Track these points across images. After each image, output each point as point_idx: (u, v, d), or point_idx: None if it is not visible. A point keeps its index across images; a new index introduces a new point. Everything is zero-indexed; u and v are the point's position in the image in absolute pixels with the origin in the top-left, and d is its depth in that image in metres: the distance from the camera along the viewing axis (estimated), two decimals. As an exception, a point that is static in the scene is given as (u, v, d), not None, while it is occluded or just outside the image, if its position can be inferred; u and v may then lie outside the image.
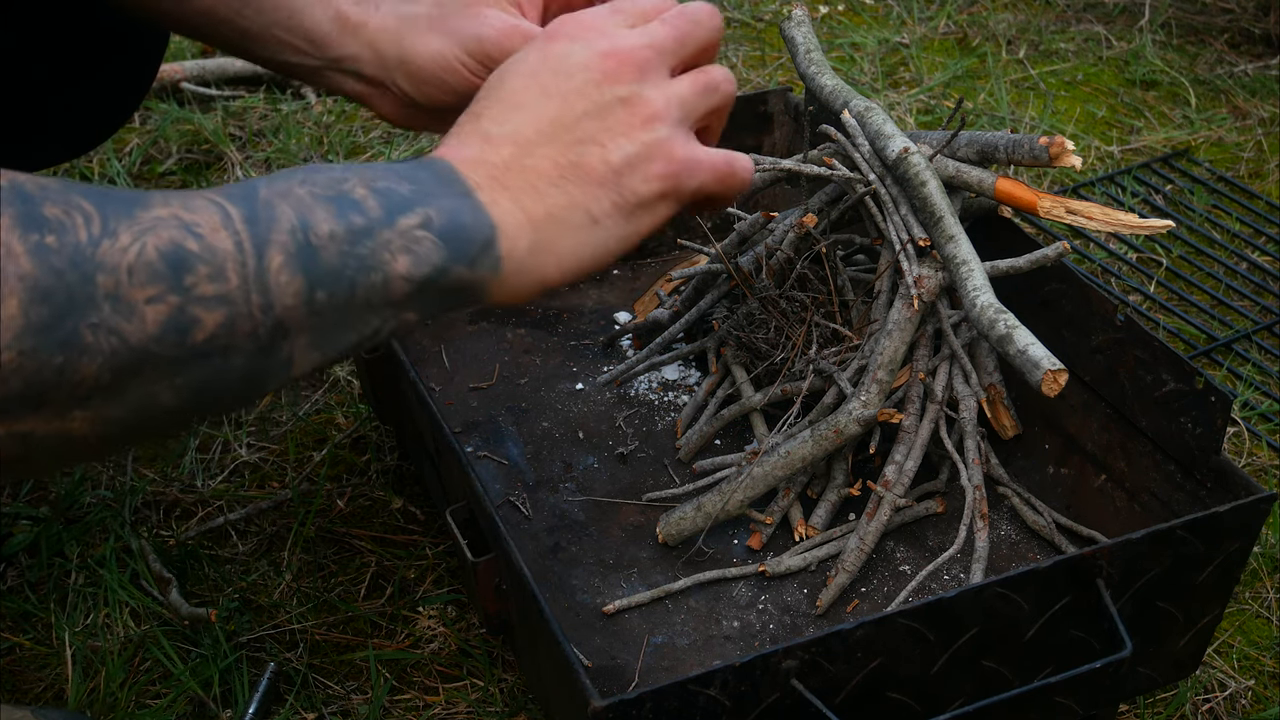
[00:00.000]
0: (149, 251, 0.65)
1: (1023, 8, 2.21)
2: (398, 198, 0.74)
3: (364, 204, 0.73)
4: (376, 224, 0.72)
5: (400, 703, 1.09)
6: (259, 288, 0.68)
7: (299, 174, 0.73)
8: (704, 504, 1.09)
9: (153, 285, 0.64)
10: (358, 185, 0.73)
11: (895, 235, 1.09)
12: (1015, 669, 0.93)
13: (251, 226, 0.68)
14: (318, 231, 0.70)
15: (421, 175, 0.76)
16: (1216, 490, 1.02)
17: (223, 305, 0.67)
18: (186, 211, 0.67)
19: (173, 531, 1.23)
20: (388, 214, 0.73)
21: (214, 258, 0.66)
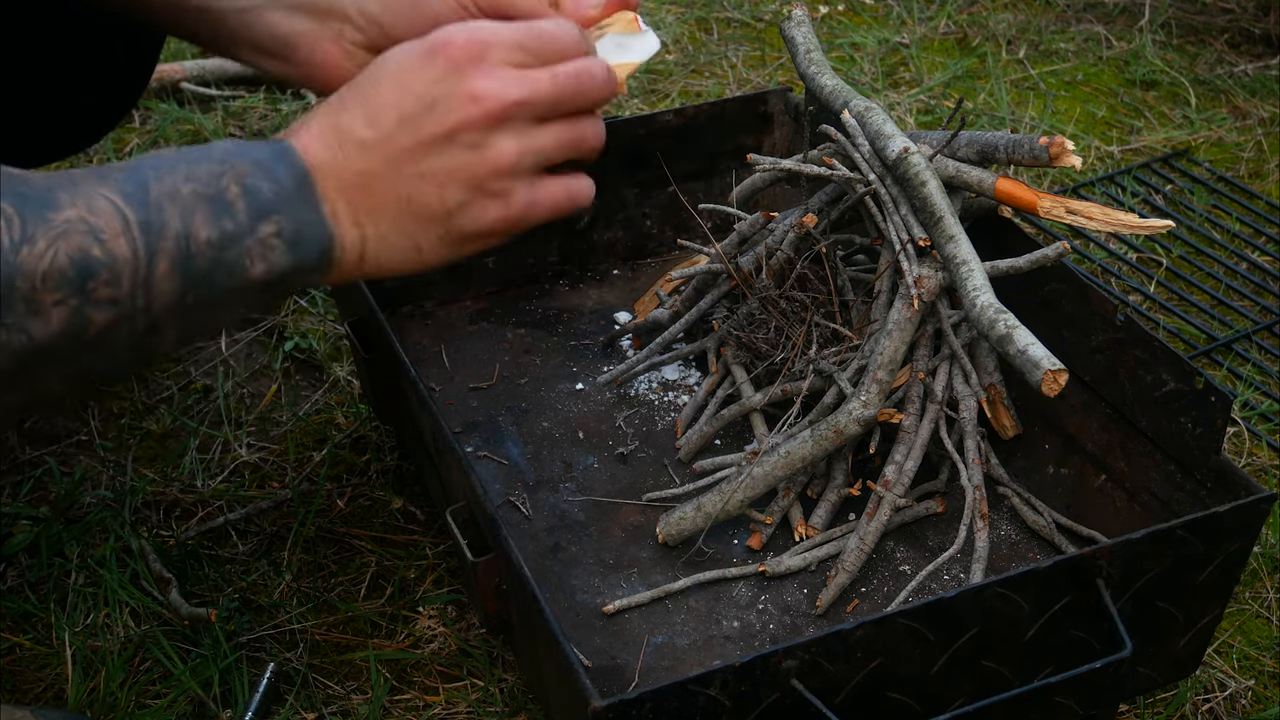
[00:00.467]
0: (61, 258, 0.72)
1: (1023, 8, 2.21)
2: (261, 200, 0.80)
3: (234, 206, 0.79)
4: (242, 232, 0.79)
5: (400, 703, 1.09)
6: (144, 292, 0.75)
7: (182, 165, 0.79)
8: (704, 504, 1.09)
9: (61, 290, 0.72)
10: (231, 182, 0.79)
11: (895, 235, 1.09)
12: (1015, 669, 0.93)
13: (145, 234, 0.75)
14: (197, 239, 0.77)
15: (282, 175, 0.81)
16: (1216, 490, 1.02)
17: (113, 308, 0.74)
18: (91, 214, 0.74)
19: (173, 531, 1.23)
20: (251, 221, 0.79)
21: (114, 264, 0.74)
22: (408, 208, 0.84)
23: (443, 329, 1.33)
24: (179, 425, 1.34)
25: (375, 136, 0.83)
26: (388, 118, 0.83)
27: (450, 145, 0.83)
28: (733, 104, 1.41)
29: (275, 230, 0.80)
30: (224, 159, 0.80)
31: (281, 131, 0.85)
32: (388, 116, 0.83)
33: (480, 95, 0.83)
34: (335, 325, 1.46)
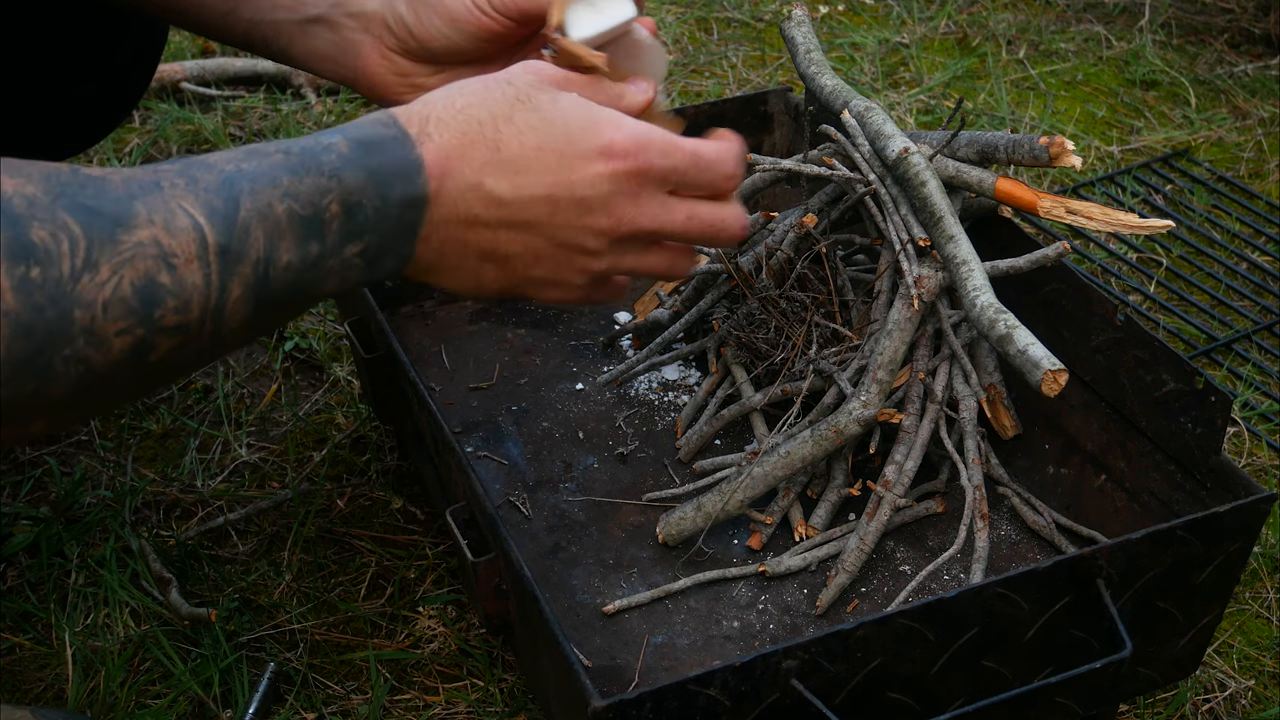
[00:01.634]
0: (124, 287, 0.69)
1: (1023, 8, 2.21)
2: (358, 221, 0.77)
3: (328, 228, 0.76)
4: (328, 254, 0.77)
5: (400, 703, 1.09)
6: (215, 316, 0.73)
7: (285, 177, 0.75)
8: (704, 504, 1.09)
9: (124, 319, 0.69)
10: (334, 202, 0.76)
11: (895, 235, 1.09)
12: (1015, 669, 0.93)
13: (223, 259, 0.72)
14: (278, 264, 0.75)
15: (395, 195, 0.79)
16: (1216, 490, 1.02)
17: (180, 333, 0.72)
18: (167, 234, 0.70)
19: (173, 531, 1.23)
20: (341, 241, 0.77)
21: (183, 292, 0.71)
22: (496, 260, 0.86)
23: (443, 329, 1.33)
24: (179, 425, 1.34)
25: (514, 198, 0.83)
26: (533, 190, 0.83)
27: (568, 239, 0.86)
28: (733, 104, 1.41)
29: (361, 250, 0.79)
30: (335, 172, 0.77)
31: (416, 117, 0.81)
32: (534, 189, 0.83)
33: (621, 218, 0.86)
34: (335, 325, 1.46)
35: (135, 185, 0.71)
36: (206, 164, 0.74)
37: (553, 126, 0.83)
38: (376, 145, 0.79)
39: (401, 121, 0.81)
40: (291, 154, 0.76)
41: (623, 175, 0.84)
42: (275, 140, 0.78)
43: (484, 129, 0.82)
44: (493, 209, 0.83)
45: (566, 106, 0.84)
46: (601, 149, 0.84)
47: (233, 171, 0.74)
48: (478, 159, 0.82)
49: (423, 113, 0.82)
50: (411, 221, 0.80)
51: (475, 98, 0.83)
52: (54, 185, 0.68)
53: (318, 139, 0.78)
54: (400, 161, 0.79)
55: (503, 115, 0.83)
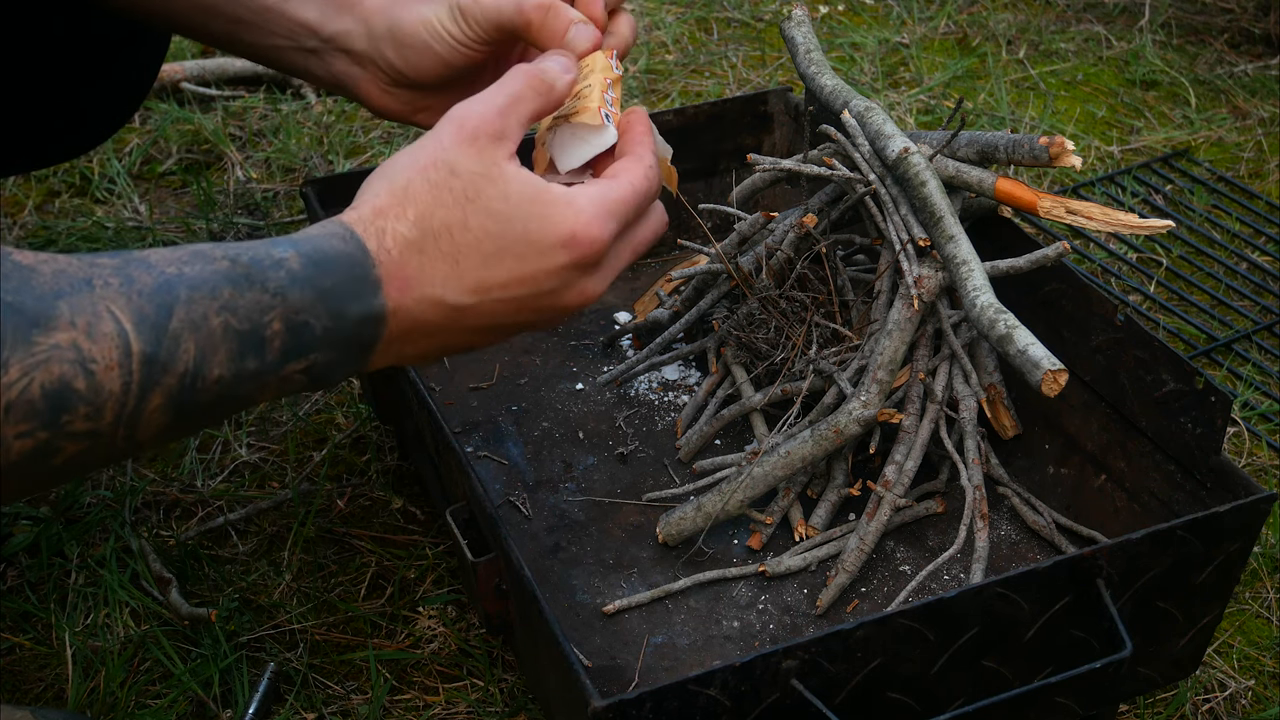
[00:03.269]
0: (33, 389, 0.65)
1: (1023, 8, 2.21)
2: (305, 339, 0.75)
3: (267, 346, 0.73)
4: (267, 370, 0.74)
5: (400, 703, 1.09)
6: (129, 424, 0.69)
7: (225, 288, 0.72)
8: (704, 504, 1.09)
9: (27, 422, 0.65)
10: (276, 319, 0.73)
11: (895, 235, 1.09)
12: (1015, 669, 0.93)
13: (147, 368, 0.68)
14: (207, 377, 0.71)
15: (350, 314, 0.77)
16: (1216, 490, 1.02)
17: (89, 439, 0.68)
18: (88, 340, 0.66)
19: (173, 531, 1.23)
20: (283, 359, 0.74)
21: (97, 398, 0.67)
22: (459, 347, 0.86)
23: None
24: (179, 425, 1.34)
25: (478, 306, 0.83)
26: (496, 295, 0.83)
27: (538, 316, 0.86)
28: (733, 104, 1.41)
29: (305, 367, 0.76)
30: (281, 290, 0.74)
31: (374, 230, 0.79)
32: (496, 294, 0.83)
33: (589, 296, 0.86)
34: (335, 325, 1.46)
35: (64, 281, 0.67)
36: (147, 264, 0.71)
37: (510, 226, 0.82)
38: (331, 263, 0.76)
39: (359, 235, 0.79)
40: (238, 263, 0.73)
41: (587, 262, 0.84)
42: (225, 244, 0.75)
43: (440, 242, 0.80)
44: (455, 318, 0.82)
45: (516, 198, 0.82)
46: (563, 241, 0.83)
47: (173, 275, 0.71)
48: (438, 274, 0.80)
49: (377, 224, 0.80)
50: (367, 339, 0.79)
51: (425, 204, 0.81)
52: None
53: (269, 249, 0.75)
54: (357, 282, 0.77)
55: (457, 223, 0.81)
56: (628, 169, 0.88)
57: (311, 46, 1.08)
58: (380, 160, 1.74)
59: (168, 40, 1.32)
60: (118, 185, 1.67)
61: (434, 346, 0.84)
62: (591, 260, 0.84)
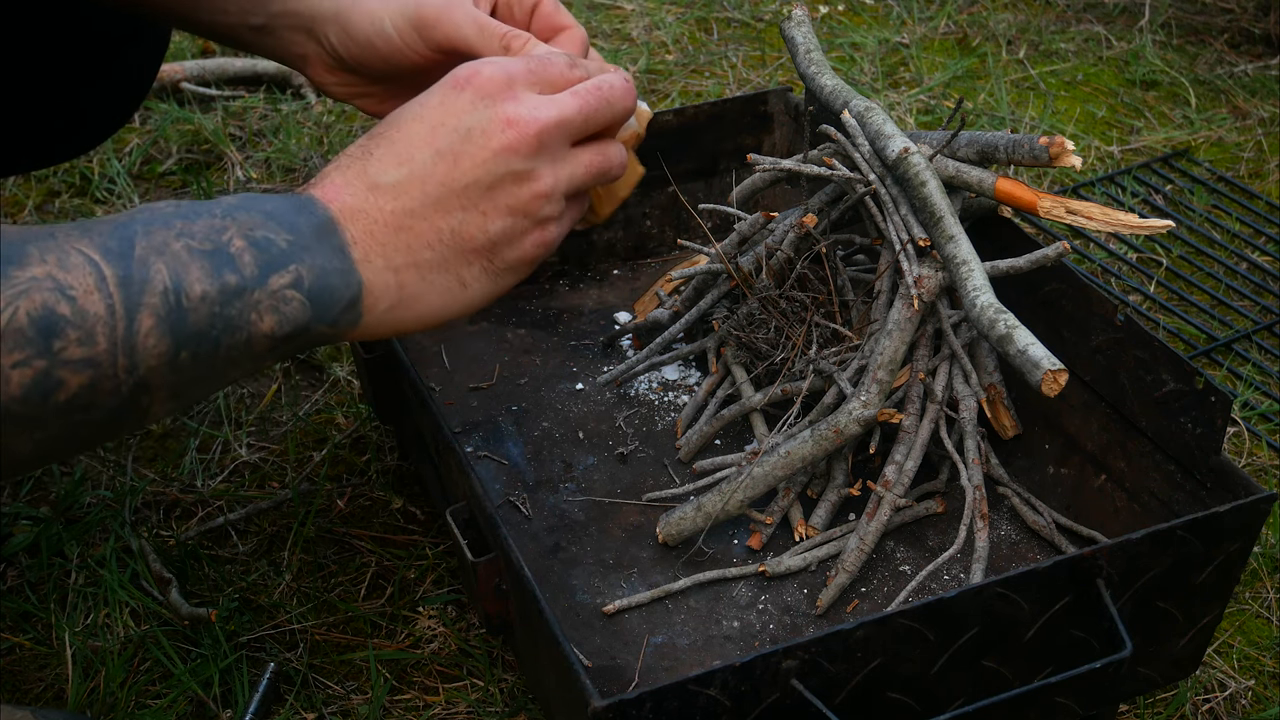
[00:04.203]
0: (20, 317, 0.66)
1: (1023, 8, 2.21)
2: (274, 252, 0.75)
3: (239, 259, 0.74)
4: (250, 283, 0.74)
5: (400, 703, 1.09)
6: (126, 350, 0.69)
7: (177, 220, 0.74)
8: (704, 504, 1.09)
9: (20, 350, 0.66)
10: (235, 236, 0.74)
11: (895, 235, 1.09)
12: (1015, 669, 0.93)
13: (125, 289, 0.69)
14: (190, 294, 0.72)
15: (300, 224, 0.78)
16: (1216, 490, 1.02)
17: (88, 368, 0.68)
18: (62, 270, 0.68)
19: (173, 531, 1.23)
20: (262, 272, 0.75)
21: (84, 322, 0.68)
22: (452, 241, 0.83)
23: (442, 329, 1.33)
24: (179, 425, 1.34)
25: (410, 173, 0.82)
26: (421, 154, 0.82)
27: (490, 174, 0.83)
28: (733, 104, 1.41)
29: (291, 280, 0.76)
30: (227, 214, 0.76)
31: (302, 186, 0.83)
32: (421, 153, 0.82)
33: (515, 119, 0.83)
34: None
35: (27, 233, 0.69)
36: (100, 219, 0.73)
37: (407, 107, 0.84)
38: (260, 195, 0.79)
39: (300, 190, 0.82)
40: (182, 204, 0.76)
41: (490, 89, 0.83)
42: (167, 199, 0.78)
43: (359, 149, 0.83)
44: (404, 194, 0.81)
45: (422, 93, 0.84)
46: (451, 85, 0.83)
47: (125, 220, 0.73)
48: (365, 170, 0.81)
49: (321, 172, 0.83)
50: (335, 245, 0.79)
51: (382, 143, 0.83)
52: None
53: (206, 200, 0.78)
54: (290, 199, 0.79)
55: (377, 132, 0.83)
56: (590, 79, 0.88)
57: (257, 24, 1.07)
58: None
59: (167, 39, 1.32)
60: (118, 185, 1.67)
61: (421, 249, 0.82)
62: (492, 87, 0.83)
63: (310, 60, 1.07)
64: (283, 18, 1.06)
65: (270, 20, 1.07)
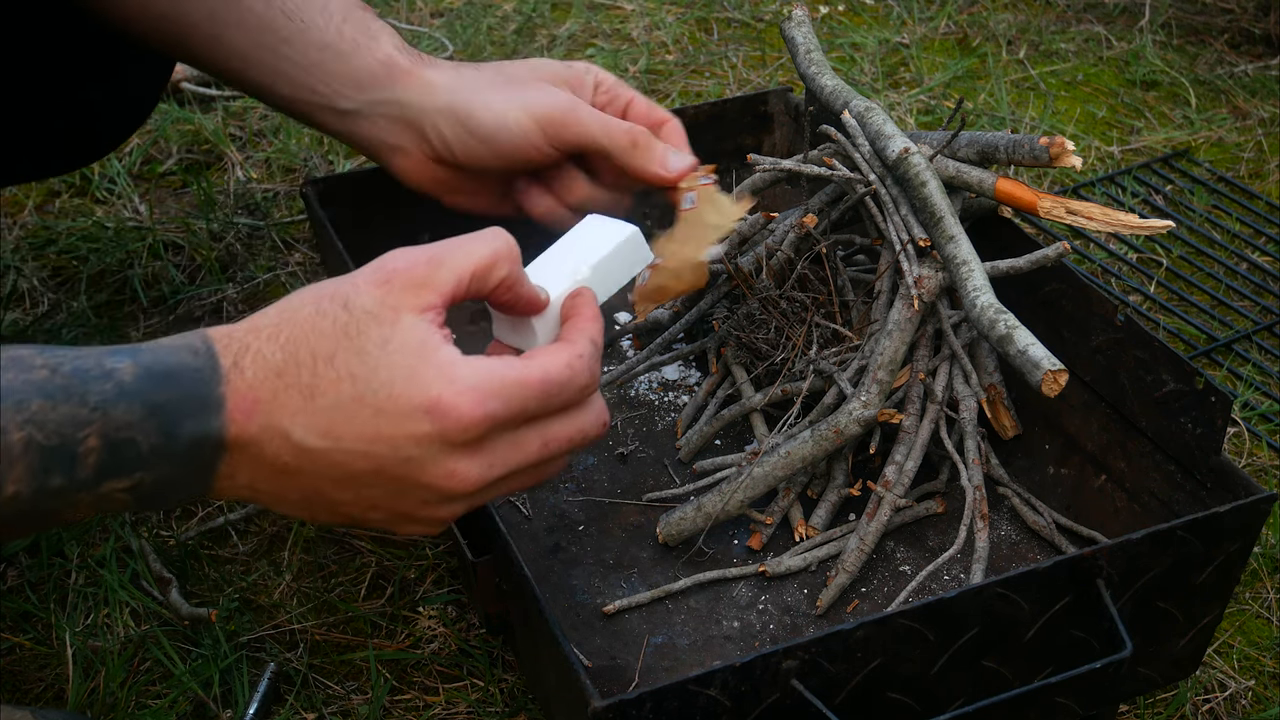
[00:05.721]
0: None
1: (1023, 8, 2.21)
2: (128, 457, 0.69)
3: (82, 462, 0.68)
4: (79, 485, 0.68)
5: (400, 703, 1.09)
6: None
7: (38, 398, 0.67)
8: (704, 504, 1.09)
9: None
10: (94, 435, 0.68)
11: (895, 235, 1.09)
12: (1015, 669, 0.93)
13: None
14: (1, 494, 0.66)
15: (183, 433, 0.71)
16: (1216, 490, 1.02)
17: None
18: None
19: (173, 531, 1.23)
20: (99, 476, 0.69)
21: None
22: (322, 505, 0.78)
23: (443, 329, 1.33)
24: (179, 425, 1.34)
25: (324, 453, 0.75)
26: (348, 446, 0.75)
27: (402, 494, 0.77)
28: (733, 104, 1.41)
29: (128, 485, 0.70)
30: (102, 404, 0.68)
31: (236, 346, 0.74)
32: (348, 445, 0.75)
33: (464, 480, 0.77)
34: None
35: None
36: None
37: (375, 376, 0.74)
38: (172, 377, 0.71)
39: (217, 350, 0.74)
40: (58, 373, 0.68)
41: (454, 438, 0.75)
42: (54, 350, 0.70)
43: (301, 372, 0.74)
44: (305, 460, 0.74)
45: (397, 346, 0.75)
46: (425, 406, 0.74)
47: None
48: (289, 406, 0.74)
49: (244, 340, 0.74)
50: (204, 462, 0.73)
51: (301, 329, 0.75)
52: None
53: (103, 359, 0.70)
54: (195, 400, 0.71)
55: (324, 355, 0.74)
56: (547, 353, 0.80)
57: (348, 108, 1.06)
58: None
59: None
60: (118, 185, 1.67)
61: (291, 492, 0.76)
62: (458, 436, 0.75)
63: (405, 151, 1.06)
64: (383, 106, 1.05)
65: (366, 107, 1.05)
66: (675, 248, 1.09)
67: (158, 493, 0.72)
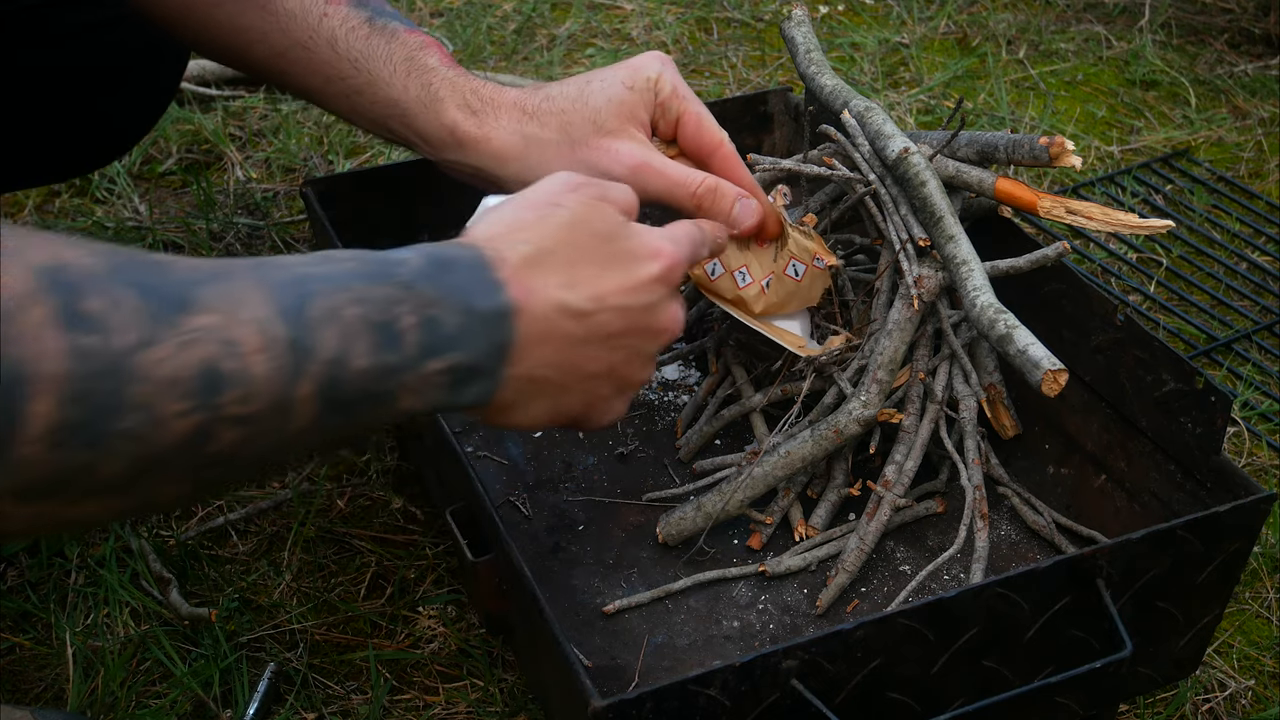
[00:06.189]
0: (186, 368, 0.64)
1: (1023, 8, 2.21)
2: (440, 336, 0.75)
3: (404, 339, 0.73)
4: (406, 364, 0.74)
5: (400, 703, 1.09)
6: (281, 413, 0.69)
7: (356, 283, 0.72)
8: (704, 504, 1.09)
9: (184, 401, 0.65)
10: (408, 312, 0.74)
11: (895, 235, 1.09)
12: (1015, 669, 0.93)
13: (292, 353, 0.68)
14: (351, 367, 0.71)
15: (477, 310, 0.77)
16: (1216, 490, 1.02)
17: (244, 425, 0.67)
18: (231, 323, 0.66)
19: (173, 531, 1.23)
20: (421, 355, 0.74)
21: (247, 381, 0.67)
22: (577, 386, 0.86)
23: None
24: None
25: (592, 310, 0.84)
26: (609, 300, 0.85)
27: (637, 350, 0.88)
28: (733, 104, 1.41)
29: (444, 367, 0.76)
30: (412, 283, 0.75)
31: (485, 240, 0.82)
32: (609, 299, 0.85)
33: (676, 316, 0.90)
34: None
35: (201, 272, 0.68)
36: (279, 264, 0.72)
37: (614, 240, 0.86)
38: (453, 263, 0.78)
39: (478, 247, 0.80)
40: (365, 261, 0.75)
41: (673, 272, 0.89)
42: (350, 250, 0.76)
43: (556, 255, 0.82)
44: (579, 326, 0.83)
45: (614, 221, 0.87)
46: (653, 252, 0.88)
47: (303, 272, 0.71)
48: (556, 280, 0.81)
49: (494, 244, 0.81)
50: (500, 342, 0.78)
51: (535, 228, 0.83)
52: (113, 262, 0.65)
53: (390, 253, 0.77)
54: (481, 282, 0.78)
55: (565, 242, 0.83)
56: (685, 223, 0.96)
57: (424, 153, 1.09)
58: (380, 160, 1.74)
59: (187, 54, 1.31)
60: (118, 185, 1.67)
61: (558, 375, 0.83)
62: (675, 275, 0.89)
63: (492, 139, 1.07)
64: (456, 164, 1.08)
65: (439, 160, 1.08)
66: (772, 300, 1.09)
67: (468, 376, 0.77)
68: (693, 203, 1.03)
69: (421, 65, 1.07)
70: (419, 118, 1.06)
